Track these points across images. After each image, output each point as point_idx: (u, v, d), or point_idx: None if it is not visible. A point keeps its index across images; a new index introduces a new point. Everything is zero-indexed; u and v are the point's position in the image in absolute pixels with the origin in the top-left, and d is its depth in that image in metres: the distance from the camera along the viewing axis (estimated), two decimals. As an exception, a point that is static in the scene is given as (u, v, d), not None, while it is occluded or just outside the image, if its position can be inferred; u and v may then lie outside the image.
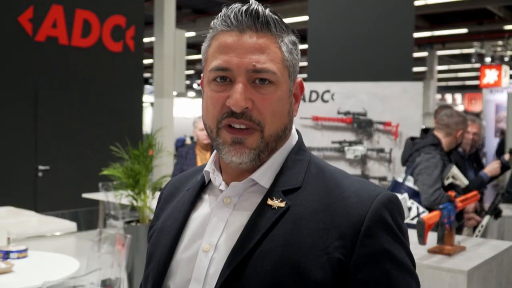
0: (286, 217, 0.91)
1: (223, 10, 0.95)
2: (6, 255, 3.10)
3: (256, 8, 0.93)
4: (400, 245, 0.90)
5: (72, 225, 4.39)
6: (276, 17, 0.96)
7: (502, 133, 15.83)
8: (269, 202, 0.93)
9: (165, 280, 0.97)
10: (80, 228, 5.47)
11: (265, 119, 0.93)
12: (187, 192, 1.05)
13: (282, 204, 0.92)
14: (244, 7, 0.93)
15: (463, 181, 3.41)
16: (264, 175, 0.96)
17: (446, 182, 3.43)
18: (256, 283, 0.87)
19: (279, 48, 0.94)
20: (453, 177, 3.41)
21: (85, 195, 6.28)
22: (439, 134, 3.62)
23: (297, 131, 1.04)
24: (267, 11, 0.94)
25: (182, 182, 1.11)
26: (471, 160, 4.52)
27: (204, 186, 1.04)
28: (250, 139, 0.93)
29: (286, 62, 0.96)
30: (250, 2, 0.94)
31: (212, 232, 0.95)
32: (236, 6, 0.94)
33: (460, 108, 22.74)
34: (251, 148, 0.93)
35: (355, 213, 0.89)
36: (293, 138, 1.01)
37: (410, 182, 3.55)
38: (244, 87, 0.91)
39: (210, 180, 1.03)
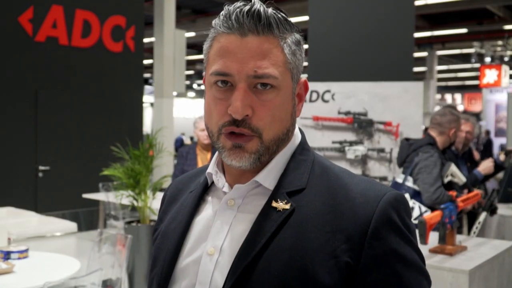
0: (291, 219, 0.89)
1: (224, 9, 0.92)
2: (6, 255, 3.09)
3: (258, 9, 0.89)
4: (409, 245, 0.88)
5: (72, 226, 4.39)
6: (280, 16, 0.92)
7: (487, 133, 15.85)
8: (274, 204, 0.91)
9: (170, 284, 0.96)
10: (80, 229, 5.47)
11: (264, 125, 0.91)
12: (190, 194, 1.04)
13: (287, 206, 0.90)
14: (246, 8, 0.90)
15: (461, 178, 3.43)
16: (268, 177, 0.94)
17: (446, 180, 3.44)
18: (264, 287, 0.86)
19: (281, 51, 0.91)
20: (451, 175, 3.43)
21: (86, 196, 6.27)
22: (433, 133, 3.64)
23: (300, 130, 1.02)
24: (270, 10, 0.91)
25: (185, 183, 1.09)
26: (464, 158, 4.54)
27: (207, 188, 1.03)
28: (249, 144, 0.91)
29: (289, 64, 0.93)
30: (253, 1, 0.91)
31: (217, 235, 0.93)
32: (238, 6, 0.91)
33: (460, 108, 22.75)
34: (251, 152, 0.91)
35: (361, 214, 0.87)
36: (296, 138, 1.00)
37: (409, 182, 3.56)
38: (244, 94, 0.89)
39: (213, 182, 1.02)
